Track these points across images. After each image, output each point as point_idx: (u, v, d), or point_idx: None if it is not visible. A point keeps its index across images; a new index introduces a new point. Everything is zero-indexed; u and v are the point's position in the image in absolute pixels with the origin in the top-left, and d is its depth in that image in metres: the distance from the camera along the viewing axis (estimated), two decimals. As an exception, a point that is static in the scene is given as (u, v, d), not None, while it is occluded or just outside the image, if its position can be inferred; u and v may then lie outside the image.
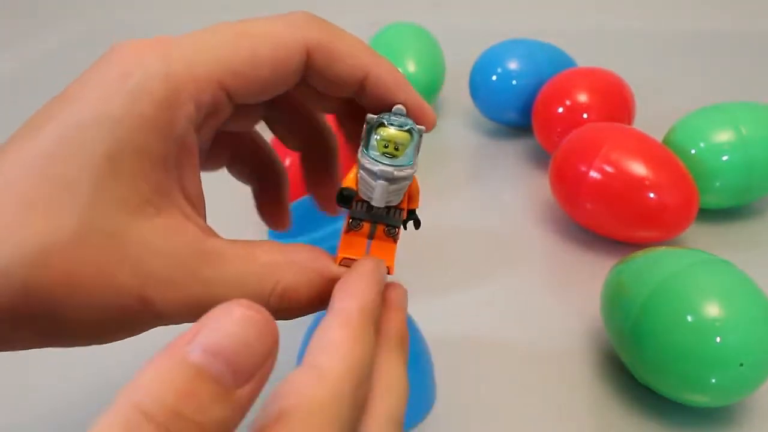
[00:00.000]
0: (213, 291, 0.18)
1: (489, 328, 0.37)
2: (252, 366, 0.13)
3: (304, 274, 0.19)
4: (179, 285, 0.18)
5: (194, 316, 0.18)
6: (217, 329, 0.13)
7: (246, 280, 0.19)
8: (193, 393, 0.12)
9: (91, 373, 0.35)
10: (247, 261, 0.19)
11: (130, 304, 0.17)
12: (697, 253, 0.31)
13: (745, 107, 0.42)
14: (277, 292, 0.19)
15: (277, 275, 0.19)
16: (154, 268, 0.17)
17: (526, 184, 0.50)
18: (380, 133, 0.20)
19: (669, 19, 0.79)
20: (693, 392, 0.29)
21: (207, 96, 0.18)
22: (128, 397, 0.13)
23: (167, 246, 0.18)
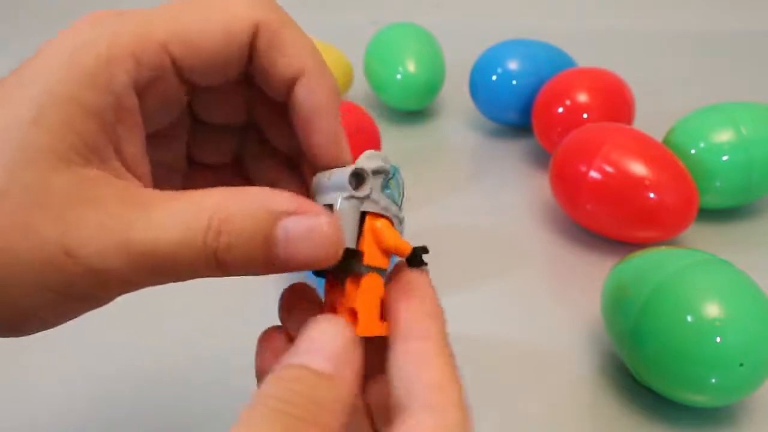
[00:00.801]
0: (142, 235, 0.16)
1: (489, 328, 0.37)
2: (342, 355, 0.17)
3: (246, 204, 0.17)
4: (105, 232, 0.16)
5: (128, 267, 0.16)
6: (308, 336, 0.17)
7: (178, 217, 0.17)
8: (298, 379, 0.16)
9: (90, 379, 0.35)
10: (180, 199, 0.17)
11: (55, 257, 0.16)
12: (697, 253, 0.31)
13: (745, 107, 0.42)
14: (214, 225, 0.17)
15: (213, 208, 0.17)
16: (78, 218, 0.16)
17: (526, 184, 0.50)
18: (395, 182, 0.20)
19: (669, 19, 0.78)
20: (693, 392, 0.29)
21: (149, 56, 0.18)
22: (254, 394, 0.16)
23: (91, 195, 0.17)
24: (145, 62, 0.18)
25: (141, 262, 0.16)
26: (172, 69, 0.19)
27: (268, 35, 0.19)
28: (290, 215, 0.17)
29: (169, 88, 0.19)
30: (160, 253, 0.16)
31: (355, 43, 0.62)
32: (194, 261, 0.17)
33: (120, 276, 0.17)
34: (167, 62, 0.18)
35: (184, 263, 0.17)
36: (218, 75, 0.20)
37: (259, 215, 0.17)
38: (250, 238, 0.17)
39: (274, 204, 0.17)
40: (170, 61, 0.18)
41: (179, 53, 0.18)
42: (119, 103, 0.18)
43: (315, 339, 0.17)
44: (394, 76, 0.55)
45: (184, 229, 0.16)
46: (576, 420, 0.31)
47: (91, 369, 0.35)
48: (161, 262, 0.17)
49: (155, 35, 0.18)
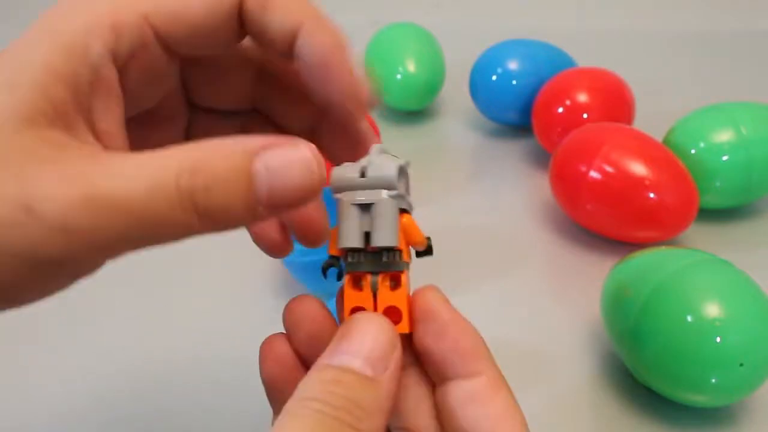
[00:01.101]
0: (107, 184, 0.15)
1: (488, 328, 0.36)
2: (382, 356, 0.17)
3: (219, 147, 0.16)
4: (66, 185, 0.15)
5: (94, 219, 0.15)
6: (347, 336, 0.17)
7: (146, 166, 0.15)
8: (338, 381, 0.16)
9: (90, 379, 0.35)
10: (151, 152, 0.16)
11: (15, 217, 0.15)
12: (697, 253, 0.31)
13: (745, 107, 0.42)
14: (186, 167, 0.15)
15: (183, 154, 0.15)
16: (38, 174, 0.15)
17: (526, 184, 0.50)
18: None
19: (669, 19, 0.78)
20: (693, 392, 0.29)
21: (129, 27, 0.17)
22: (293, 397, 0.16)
23: (54, 154, 0.15)
24: (125, 33, 0.17)
25: (109, 216, 0.15)
26: (155, 40, 0.18)
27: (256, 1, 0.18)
28: (267, 149, 0.16)
29: (153, 60, 0.18)
30: (128, 202, 0.15)
31: (355, 43, 0.61)
32: (169, 210, 0.15)
33: (87, 234, 0.15)
34: (149, 33, 0.18)
35: (158, 213, 0.15)
36: (206, 45, 0.19)
37: (235, 153, 0.15)
38: (229, 176, 0.15)
39: (249, 142, 0.16)
40: (152, 32, 0.18)
41: (162, 23, 0.18)
42: (95, 74, 0.17)
43: (355, 339, 0.17)
44: (394, 76, 0.55)
45: (153, 175, 0.15)
46: (576, 420, 0.31)
47: (91, 369, 0.35)
48: (133, 215, 0.15)
49: (136, 6, 0.18)
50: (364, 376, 0.16)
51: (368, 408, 0.16)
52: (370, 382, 0.16)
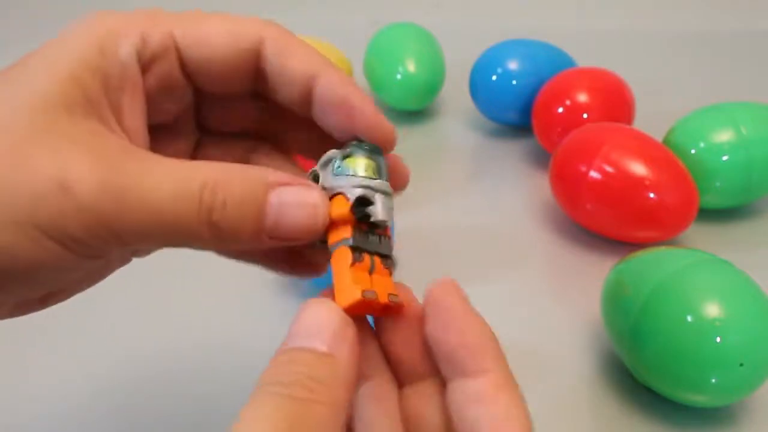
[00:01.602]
0: (137, 181, 0.16)
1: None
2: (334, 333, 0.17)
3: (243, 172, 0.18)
4: (103, 172, 0.16)
5: (121, 211, 0.16)
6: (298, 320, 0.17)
7: (176, 173, 0.17)
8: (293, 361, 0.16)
9: (90, 378, 0.35)
10: (180, 160, 0.18)
11: (49, 191, 0.16)
12: (697, 253, 0.31)
13: (745, 107, 0.42)
14: (210, 184, 0.17)
15: (210, 171, 0.17)
16: (76, 156, 0.16)
17: (526, 184, 0.50)
18: (348, 161, 0.20)
19: (669, 19, 0.78)
20: (693, 392, 0.29)
21: (155, 36, 0.19)
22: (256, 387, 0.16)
23: (91, 141, 0.17)
24: (151, 42, 0.19)
25: (134, 208, 0.16)
26: (176, 57, 0.20)
27: (275, 43, 0.20)
28: (284, 186, 0.18)
29: (172, 74, 0.20)
30: (155, 202, 0.16)
31: (355, 43, 0.62)
32: (187, 217, 0.17)
33: (113, 220, 0.16)
34: (172, 48, 0.19)
35: (177, 217, 0.17)
36: (222, 80, 0.20)
37: (255, 182, 0.18)
38: (245, 199, 0.17)
39: (270, 176, 0.18)
40: (174, 48, 0.19)
41: (184, 45, 0.19)
42: (124, 72, 0.19)
43: (307, 321, 0.17)
44: (394, 76, 0.55)
45: (181, 182, 0.17)
46: (576, 420, 0.31)
47: (92, 366, 0.35)
48: (155, 213, 0.17)
49: (165, 23, 0.19)
50: (320, 353, 0.17)
51: (326, 382, 0.16)
52: (325, 357, 0.17)
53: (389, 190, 0.20)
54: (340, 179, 0.19)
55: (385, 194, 0.20)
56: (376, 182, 0.20)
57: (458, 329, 0.19)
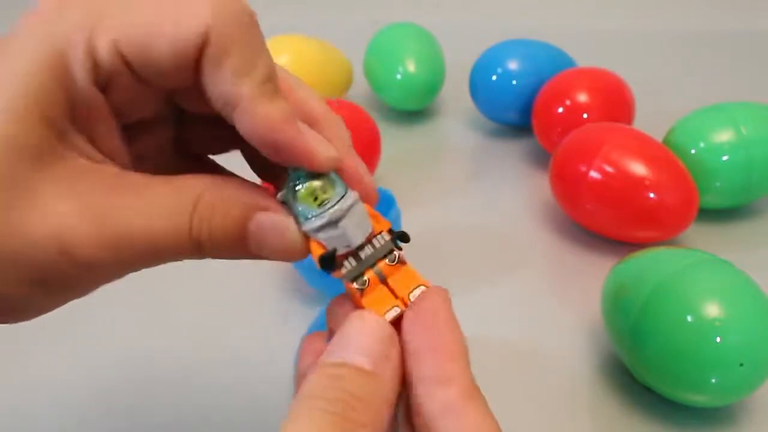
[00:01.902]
0: (131, 223, 0.17)
1: (489, 328, 0.37)
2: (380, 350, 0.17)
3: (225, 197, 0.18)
4: (95, 224, 0.17)
5: (120, 256, 0.17)
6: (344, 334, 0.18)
7: (165, 207, 0.17)
8: (337, 377, 0.16)
9: (90, 379, 0.35)
10: (165, 188, 0.18)
11: (51, 257, 0.16)
12: (697, 253, 0.31)
13: (745, 107, 0.42)
14: (197, 215, 0.18)
15: (196, 196, 0.18)
16: (67, 212, 0.16)
17: (526, 184, 0.50)
18: (299, 196, 0.19)
19: (669, 19, 0.78)
20: (693, 392, 0.29)
21: (102, 55, 0.17)
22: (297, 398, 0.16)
23: (76, 188, 0.17)
24: (100, 62, 0.18)
25: (133, 254, 0.17)
26: (127, 70, 0.18)
27: (213, 52, 0.17)
28: (263, 210, 0.19)
29: (130, 86, 0.19)
30: (150, 241, 0.17)
31: (355, 43, 0.62)
32: (181, 247, 0.18)
33: (112, 266, 0.17)
34: (120, 63, 0.18)
35: (171, 249, 0.18)
36: (172, 81, 0.19)
37: (236, 209, 0.18)
38: (228, 227, 0.18)
39: (249, 199, 0.19)
40: (123, 62, 0.18)
41: (130, 56, 0.18)
42: (85, 99, 0.18)
43: (351, 336, 0.17)
44: (394, 76, 0.55)
45: (171, 219, 0.17)
46: (576, 420, 0.31)
47: (93, 369, 0.35)
48: (152, 250, 0.17)
49: (108, 32, 0.17)
50: (364, 370, 0.17)
51: (369, 400, 0.16)
52: (369, 375, 0.17)
53: (350, 197, 0.19)
54: (307, 224, 0.19)
55: (349, 208, 0.19)
56: (332, 210, 0.19)
57: (435, 332, 0.18)
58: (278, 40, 0.57)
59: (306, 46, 0.57)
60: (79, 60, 0.17)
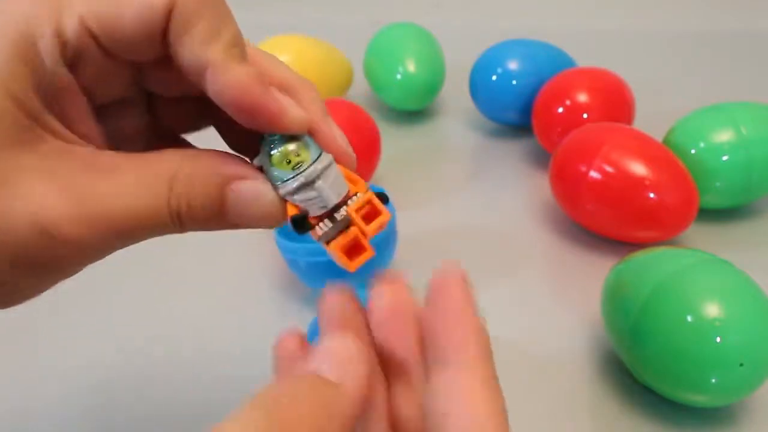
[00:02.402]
0: (110, 202, 0.17)
1: (489, 328, 0.36)
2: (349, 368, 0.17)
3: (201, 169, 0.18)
4: (74, 203, 0.17)
5: (101, 234, 0.17)
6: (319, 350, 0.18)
7: (141, 183, 0.18)
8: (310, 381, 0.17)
9: (90, 378, 0.35)
10: (141, 165, 0.18)
11: (32, 237, 0.16)
12: (697, 253, 0.31)
13: (745, 107, 0.42)
14: (175, 189, 0.18)
15: (173, 172, 0.18)
16: (45, 192, 0.17)
17: (526, 184, 0.50)
18: (273, 160, 0.19)
19: (669, 19, 0.78)
20: (693, 392, 0.29)
21: (70, 32, 0.18)
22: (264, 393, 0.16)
23: (53, 167, 0.17)
24: (68, 39, 0.18)
25: (114, 231, 0.17)
26: (95, 45, 0.18)
27: (179, 19, 0.18)
28: (240, 179, 0.19)
29: (99, 62, 0.19)
30: (130, 218, 0.18)
31: (355, 43, 0.62)
32: (160, 221, 0.18)
33: (94, 245, 0.17)
34: (89, 39, 0.18)
35: (152, 225, 0.18)
36: (143, 53, 0.19)
37: (213, 179, 0.19)
38: (206, 201, 0.19)
39: (226, 169, 0.19)
40: (91, 37, 0.18)
41: (98, 31, 0.18)
42: (55, 79, 0.18)
43: (324, 350, 0.18)
44: (394, 76, 0.55)
45: (150, 195, 0.18)
46: (576, 420, 0.31)
47: (92, 365, 0.35)
48: (132, 227, 0.18)
49: (74, 8, 0.18)
50: (329, 381, 0.17)
51: (330, 409, 0.16)
52: (333, 387, 0.17)
53: (324, 159, 0.20)
54: (282, 187, 0.19)
55: (323, 170, 0.19)
56: (306, 172, 0.19)
57: (451, 318, 0.19)
58: (278, 40, 0.57)
59: (306, 46, 0.57)
60: (46, 39, 0.17)
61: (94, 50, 0.18)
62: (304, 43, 0.57)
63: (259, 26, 0.69)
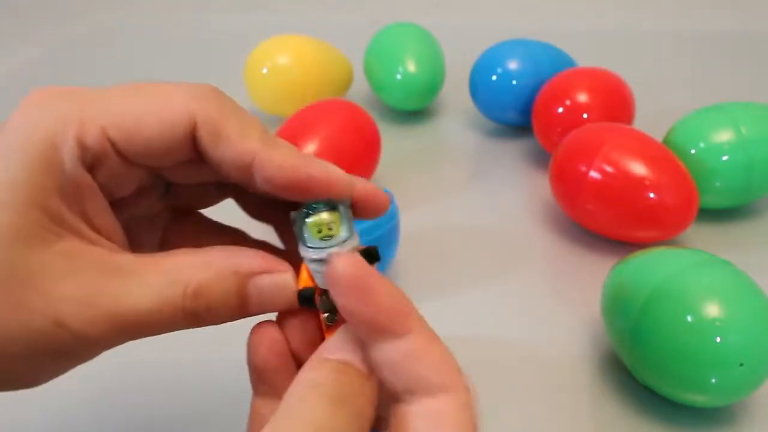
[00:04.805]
0: (126, 303, 0.18)
1: (488, 328, 0.37)
2: None
3: (214, 270, 0.19)
4: (91, 304, 0.18)
5: (115, 333, 0.18)
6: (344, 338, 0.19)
7: (156, 286, 0.18)
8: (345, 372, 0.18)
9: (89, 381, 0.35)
10: (156, 268, 0.19)
11: (47, 329, 0.17)
12: (697, 253, 0.31)
13: (745, 107, 0.42)
14: (189, 293, 0.19)
15: (187, 276, 0.19)
16: (63, 290, 0.18)
17: (526, 184, 0.50)
18: (308, 224, 0.19)
19: (669, 19, 0.79)
20: (693, 392, 0.29)
21: (90, 139, 0.19)
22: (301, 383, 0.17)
23: (72, 267, 0.18)
24: (88, 145, 0.19)
25: (126, 329, 0.18)
26: (114, 153, 0.19)
27: (206, 128, 0.19)
28: (259, 274, 0.19)
29: (117, 168, 0.20)
30: (143, 320, 0.18)
31: (355, 43, 0.62)
32: (175, 322, 0.19)
33: (107, 341, 0.18)
34: (108, 147, 0.19)
35: (166, 324, 0.19)
36: (162, 161, 0.20)
37: (231, 281, 0.19)
38: (226, 299, 0.19)
39: (241, 266, 0.19)
40: (111, 145, 0.19)
41: (118, 139, 0.19)
42: (75, 181, 0.19)
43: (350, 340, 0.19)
44: (394, 76, 0.55)
45: (162, 298, 0.18)
46: (576, 420, 0.31)
47: (89, 368, 0.35)
48: (145, 327, 0.19)
49: (95, 120, 0.19)
50: (361, 373, 0.18)
51: (370, 399, 0.18)
52: (365, 377, 0.18)
53: (351, 243, 0.20)
54: (303, 249, 0.20)
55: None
56: (331, 250, 0.19)
57: (374, 296, 0.18)
58: (278, 40, 0.57)
59: (306, 46, 0.57)
60: (68, 145, 0.18)
61: (112, 158, 0.19)
62: (304, 43, 0.57)
63: (259, 26, 0.69)
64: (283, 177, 0.19)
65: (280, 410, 0.17)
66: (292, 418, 0.16)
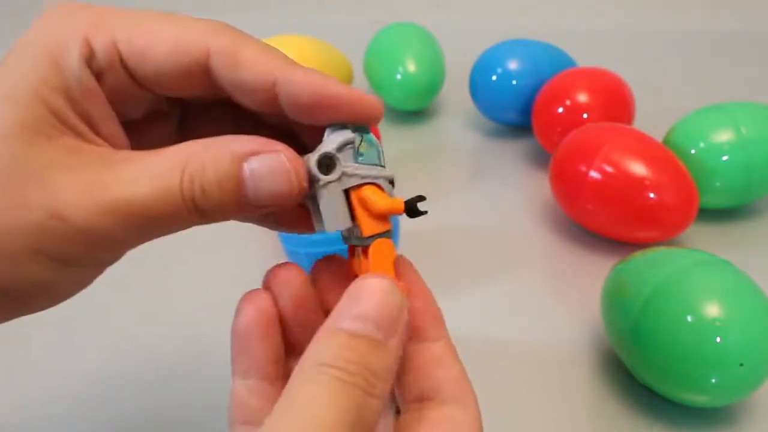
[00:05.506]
0: (125, 190, 0.17)
1: (488, 328, 0.37)
2: (392, 321, 0.17)
3: (211, 153, 0.18)
4: (90, 192, 0.17)
5: (120, 226, 0.17)
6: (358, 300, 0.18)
7: (154, 170, 0.18)
8: (352, 347, 0.17)
9: (91, 379, 0.35)
10: (156, 155, 0.18)
11: (44, 221, 0.17)
12: (697, 253, 0.31)
13: (745, 107, 0.42)
14: (187, 174, 0.18)
15: (184, 159, 0.18)
16: (61, 182, 0.17)
17: (526, 184, 0.50)
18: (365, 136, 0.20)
19: (669, 19, 0.79)
20: (693, 392, 0.29)
21: (99, 47, 0.19)
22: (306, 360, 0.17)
23: (73, 160, 0.18)
24: (96, 53, 0.19)
25: (125, 219, 0.17)
26: (122, 68, 0.19)
27: (221, 58, 0.19)
28: (254, 155, 0.18)
29: (125, 84, 0.20)
30: (141, 206, 0.17)
31: (355, 43, 0.62)
32: (175, 210, 0.18)
33: (109, 234, 0.17)
34: (116, 59, 0.19)
35: (166, 214, 0.18)
36: (172, 88, 0.20)
37: (225, 160, 0.18)
38: (221, 179, 0.18)
39: (238, 147, 0.18)
40: (119, 60, 0.19)
41: (128, 56, 0.19)
42: (81, 84, 0.18)
43: (364, 302, 0.18)
44: (394, 76, 0.55)
45: (160, 181, 0.17)
46: (576, 420, 0.31)
47: (88, 365, 0.35)
48: (145, 216, 0.17)
49: (108, 30, 0.19)
50: (376, 341, 0.17)
51: (379, 373, 0.17)
52: (380, 346, 0.17)
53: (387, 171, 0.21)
54: (370, 168, 0.20)
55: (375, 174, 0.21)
56: (389, 172, 0.20)
57: (424, 297, 0.20)
58: (278, 40, 0.57)
59: (306, 46, 0.57)
60: (75, 49, 0.18)
61: (118, 72, 0.19)
62: (304, 43, 0.57)
63: (259, 26, 0.69)
64: (311, 93, 0.19)
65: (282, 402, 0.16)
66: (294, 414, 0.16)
